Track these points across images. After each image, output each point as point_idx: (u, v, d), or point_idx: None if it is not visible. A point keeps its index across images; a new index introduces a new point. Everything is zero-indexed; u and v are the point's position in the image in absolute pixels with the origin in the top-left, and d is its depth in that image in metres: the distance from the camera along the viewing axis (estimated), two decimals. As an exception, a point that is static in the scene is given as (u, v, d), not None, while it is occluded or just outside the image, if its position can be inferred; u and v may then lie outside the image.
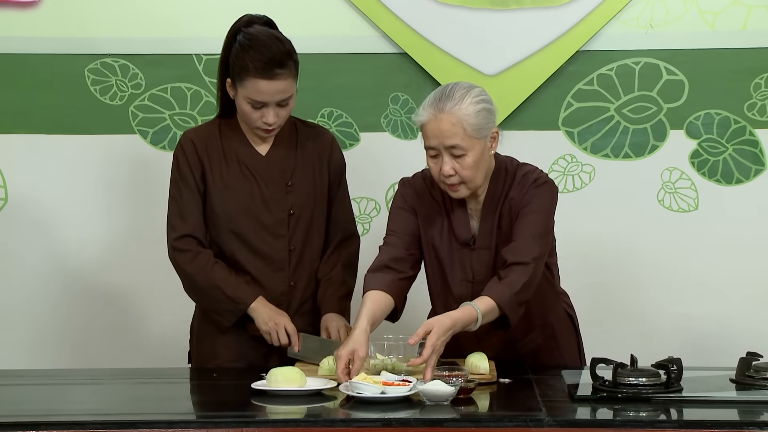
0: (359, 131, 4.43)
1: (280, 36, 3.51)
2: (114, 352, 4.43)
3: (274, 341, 3.51)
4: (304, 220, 3.60)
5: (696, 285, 4.42)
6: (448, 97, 3.30)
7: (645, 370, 3.08)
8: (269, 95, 3.46)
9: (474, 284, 3.42)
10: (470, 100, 3.29)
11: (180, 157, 3.59)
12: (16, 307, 4.46)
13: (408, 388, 2.96)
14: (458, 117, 3.27)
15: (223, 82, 3.55)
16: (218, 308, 3.55)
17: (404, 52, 4.39)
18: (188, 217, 3.57)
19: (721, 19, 4.35)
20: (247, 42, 3.47)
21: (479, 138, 3.30)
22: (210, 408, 3.14)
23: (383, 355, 3.28)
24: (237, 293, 3.52)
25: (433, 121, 3.30)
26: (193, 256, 3.55)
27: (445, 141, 3.29)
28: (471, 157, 3.30)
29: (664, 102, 4.40)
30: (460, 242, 3.43)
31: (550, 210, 3.40)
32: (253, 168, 3.58)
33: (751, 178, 4.41)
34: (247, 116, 3.52)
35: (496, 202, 3.41)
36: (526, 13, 4.36)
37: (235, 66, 3.48)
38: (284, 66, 3.46)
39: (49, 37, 4.39)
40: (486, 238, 3.42)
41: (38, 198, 4.45)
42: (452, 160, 3.30)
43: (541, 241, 3.33)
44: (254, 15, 3.57)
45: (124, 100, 4.44)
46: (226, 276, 3.54)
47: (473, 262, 3.43)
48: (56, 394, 3.26)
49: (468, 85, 3.35)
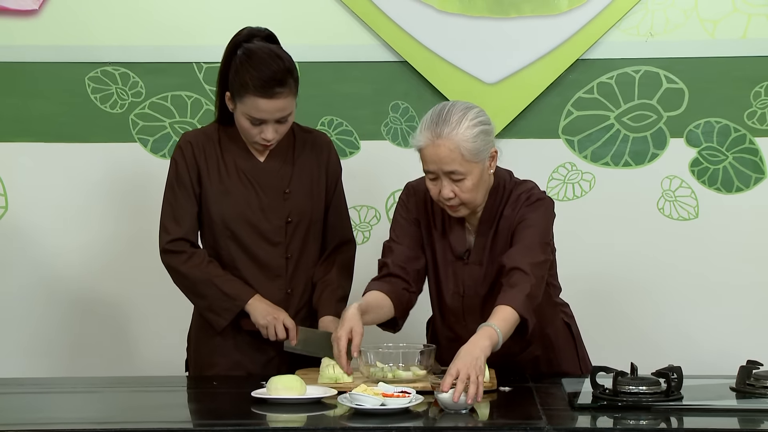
0: (359, 139, 4.43)
1: (280, 53, 3.48)
2: (112, 361, 4.43)
3: (270, 335, 3.49)
4: (302, 228, 3.60)
5: (696, 293, 4.42)
6: (444, 121, 3.27)
7: (645, 378, 3.07)
8: (268, 113, 3.45)
9: (464, 298, 3.42)
10: (467, 124, 3.27)
11: (178, 159, 3.58)
12: (15, 315, 4.46)
13: (408, 400, 2.96)
14: (455, 142, 3.25)
15: (222, 92, 3.54)
16: (215, 306, 3.53)
17: (404, 61, 4.40)
18: (182, 220, 3.56)
19: (721, 27, 4.36)
20: (247, 59, 3.44)
21: (477, 161, 3.29)
22: (209, 416, 3.14)
23: (383, 363, 3.27)
24: (233, 290, 3.51)
25: (431, 147, 3.27)
26: (188, 257, 3.54)
27: (444, 167, 3.27)
28: (470, 181, 3.29)
29: (664, 110, 4.40)
30: (455, 255, 3.44)
31: (545, 224, 3.38)
32: (251, 175, 3.58)
33: (751, 187, 4.41)
34: (246, 132, 3.51)
35: (492, 218, 3.41)
36: (526, 22, 4.36)
37: (235, 82, 3.46)
38: (284, 84, 3.44)
39: (49, 45, 4.40)
40: (479, 254, 3.42)
41: (38, 206, 4.45)
42: (451, 184, 3.29)
43: (539, 249, 3.32)
44: (255, 28, 3.54)
45: (124, 108, 4.44)
46: (221, 273, 3.53)
47: (465, 277, 3.43)
48: (53, 403, 3.26)
49: (464, 106, 3.32)
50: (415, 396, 2.99)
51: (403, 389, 3.01)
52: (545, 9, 4.35)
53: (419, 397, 3.00)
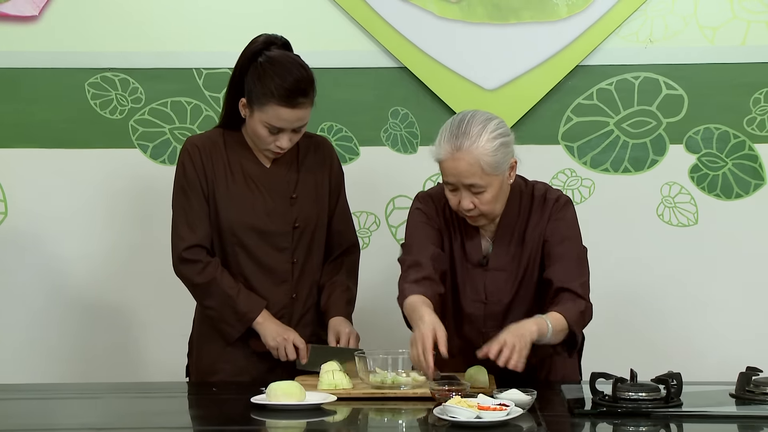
0: (359, 145, 4.43)
1: (302, 62, 3.47)
2: (112, 367, 4.43)
3: (281, 357, 3.49)
4: (308, 233, 3.60)
5: (695, 299, 4.42)
6: (464, 133, 3.26)
7: (645, 384, 3.07)
8: (288, 122, 3.44)
9: (487, 305, 3.42)
10: (487, 137, 3.26)
11: (186, 163, 3.55)
12: (14, 321, 4.45)
13: (505, 413, 2.87)
14: (475, 156, 3.24)
15: (233, 97, 3.53)
16: (228, 319, 3.53)
17: (404, 67, 4.40)
18: (197, 226, 3.54)
19: (720, 34, 4.36)
20: (270, 67, 3.42)
21: (498, 174, 3.29)
22: (209, 422, 3.14)
23: (382, 369, 3.27)
24: (245, 306, 3.51)
25: (450, 160, 3.27)
26: (203, 267, 3.52)
27: (463, 180, 3.27)
28: (490, 193, 3.30)
29: (664, 116, 4.40)
30: (472, 262, 3.43)
31: (578, 230, 3.44)
32: (257, 180, 3.57)
33: (751, 193, 4.41)
34: (261, 139, 3.49)
35: (512, 223, 3.41)
36: (525, 28, 4.36)
37: (256, 89, 3.43)
38: (307, 95, 3.44)
39: (49, 51, 4.40)
40: (501, 260, 3.41)
41: (38, 212, 4.45)
42: (471, 196, 3.29)
43: (583, 264, 3.40)
44: (271, 35, 3.52)
45: (124, 114, 4.44)
46: (233, 285, 3.52)
47: (487, 283, 3.42)
48: (54, 409, 3.26)
49: (484, 117, 3.30)
50: (514, 409, 2.91)
51: (503, 402, 2.92)
52: (545, 15, 4.36)
53: (517, 410, 2.93)
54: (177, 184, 3.58)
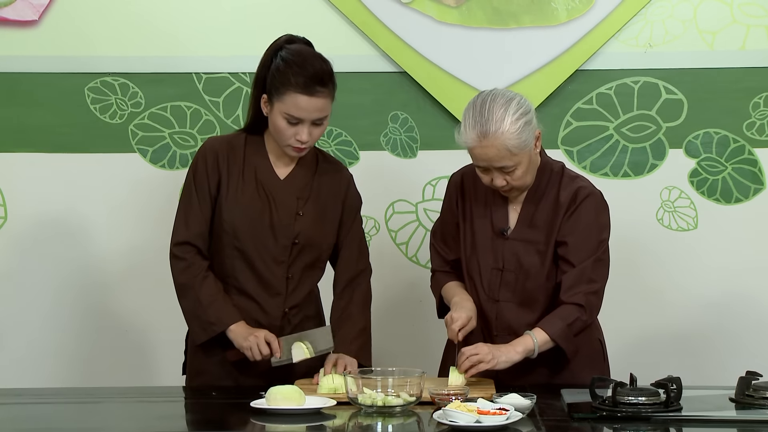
0: (359, 150, 4.44)
1: (322, 56, 3.51)
2: (114, 371, 4.42)
3: (255, 355, 3.45)
4: (307, 251, 3.58)
5: (695, 304, 4.42)
6: (487, 119, 3.32)
7: (644, 389, 3.07)
8: (307, 112, 3.45)
9: (504, 272, 3.47)
10: (510, 120, 3.32)
11: (200, 163, 3.57)
12: (15, 325, 4.45)
13: (505, 417, 2.88)
14: (502, 141, 3.32)
15: (256, 98, 3.55)
16: (193, 325, 3.54)
17: (404, 71, 4.40)
18: (192, 224, 3.55)
19: (719, 38, 4.36)
20: (291, 57, 3.46)
21: (525, 151, 3.37)
22: (208, 427, 3.14)
23: (370, 390, 3.15)
24: (214, 316, 3.49)
25: (478, 148, 3.34)
26: (186, 267, 3.54)
27: (494, 164, 3.36)
28: (520, 170, 3.39)
29: (663, 121, 4.40)
30: (495, 231, 3.49)
31: (599, 230, 3.48)
32: (269, 189, 3.57)
33: (750, 197, 4.41)
34: (281, 132, 3.49)
35: (539, 197, 3.48)
36: (525, 33, 4.37)
37: (275, 80, 3.46)
38: (325, 85, 3.46)
39: (49, 55, 4.40)
40: (521, 231, 3.48)
41: (38, 216, 4.45)
42: (503, 174, 3.38)
43: (597, 270, 3.44)
44: (293, 35, 3.56)
45: (123, 118, 4.44)
46: (212, 294, 3.51)
47: (505, 252, 3.48)
48: (50, 413, 3.25)
49: (505, 98, 3.37)
50: (513, 413, 2.92)
51: (502, 407, 2.93)
52: (544, 20, 4.36)
53: (517, 414, 2.93)
54: (186, 180, 3.61)
